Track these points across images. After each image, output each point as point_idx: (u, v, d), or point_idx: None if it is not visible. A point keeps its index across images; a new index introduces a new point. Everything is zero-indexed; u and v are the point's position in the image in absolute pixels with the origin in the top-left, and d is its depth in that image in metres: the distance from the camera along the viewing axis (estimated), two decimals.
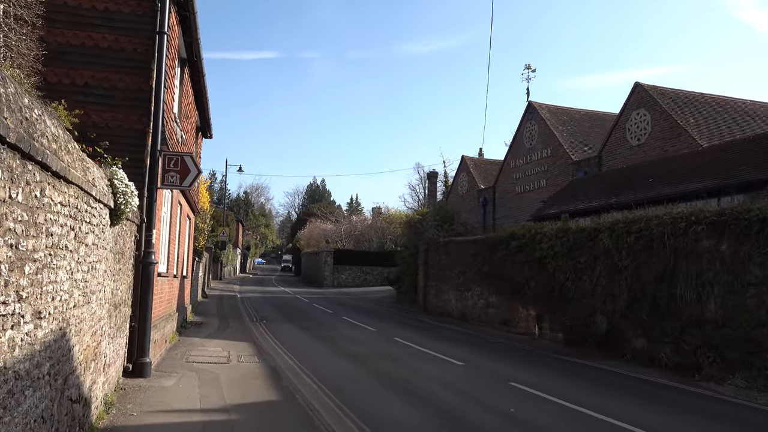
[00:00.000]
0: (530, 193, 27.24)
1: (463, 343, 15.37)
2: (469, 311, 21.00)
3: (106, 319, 6.22)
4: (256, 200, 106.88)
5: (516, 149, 28.74)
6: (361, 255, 46.28)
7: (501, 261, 18.75)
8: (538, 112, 27.06)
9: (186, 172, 8.98)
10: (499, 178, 30.18)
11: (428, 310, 24.44)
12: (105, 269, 5.91)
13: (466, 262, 21.42)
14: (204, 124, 17.68)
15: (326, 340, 14.89)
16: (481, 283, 20.23)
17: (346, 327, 18.27)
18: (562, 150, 25.15)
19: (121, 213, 6.16)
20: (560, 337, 15.68)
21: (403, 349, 13.53)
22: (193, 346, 12.18)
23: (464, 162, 33.89)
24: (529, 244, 17.16)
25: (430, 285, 24.66)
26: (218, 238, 39.89)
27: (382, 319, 21.41)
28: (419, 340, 15.45)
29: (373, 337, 15.79)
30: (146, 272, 8.59)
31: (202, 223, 22.74)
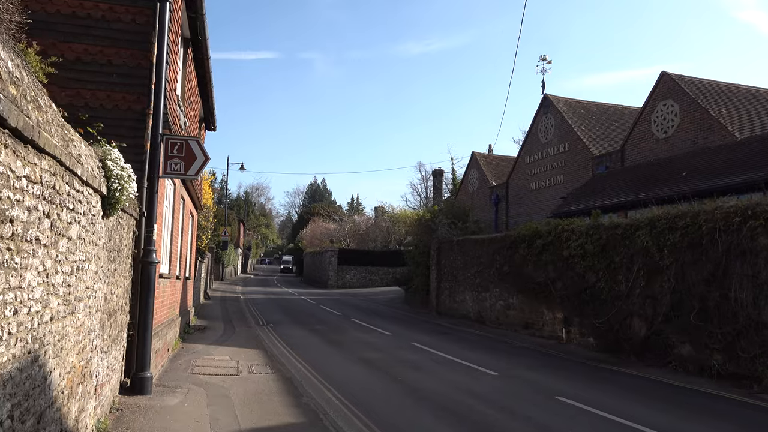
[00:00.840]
0: (546, 189, 26.15)
1: (487, 349, 14.28)
2: (486, 313, 19.90)
3: (98, 331, 5.13)
4: (256, 200, 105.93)
5: (530, 144, 27.64)
6: (366, 255, 45.15)
7: (523, 260, 17.65)
8: (554, 105, 25.96)
9: (191, 159, 7.87)
10: (512, 174, 29.09)
11: (441, 312, 23.35)
12: (96, 270, 4.82)
13: (483, 261, 20.33)
14: (208, 114, 16.58)
15: (340, 345, 13.79)
16: (500, 284, 19.13)
17: (358, 330, 17.17)
18: (581, 144, 24.06)
19: (116, 201, 5.07)
20: (591, 342, 14.58)
21: (424, 356, 12.43)
22: (198, 354, 11.08)
23: (474, 158, 32.78)
24: (556, 242, 16.07)
25: (443, 286, 23.57)
26: (220, 238, 38.80)
27: (394, 322, 20.31)
28: (439, 344, 14.36)
29: (390, 342, 14.70)
30: (146, 273, 7.49)
31: (205, 221, 21.61)
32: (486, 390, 9.04)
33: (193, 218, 16.35)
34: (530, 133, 27.72)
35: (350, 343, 14.14)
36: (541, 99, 26.80)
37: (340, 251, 45.09)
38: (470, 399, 8.39)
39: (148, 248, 7.56)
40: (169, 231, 10.69)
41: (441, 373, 10.43)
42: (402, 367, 10.81)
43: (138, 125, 7.97)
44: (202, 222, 21.00)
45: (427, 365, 11.20)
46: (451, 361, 11.71)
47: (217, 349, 11.92)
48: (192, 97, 12.72)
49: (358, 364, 11.15)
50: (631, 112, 27.34)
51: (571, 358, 13.09)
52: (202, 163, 7.93)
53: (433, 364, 11.33)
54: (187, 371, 9.29)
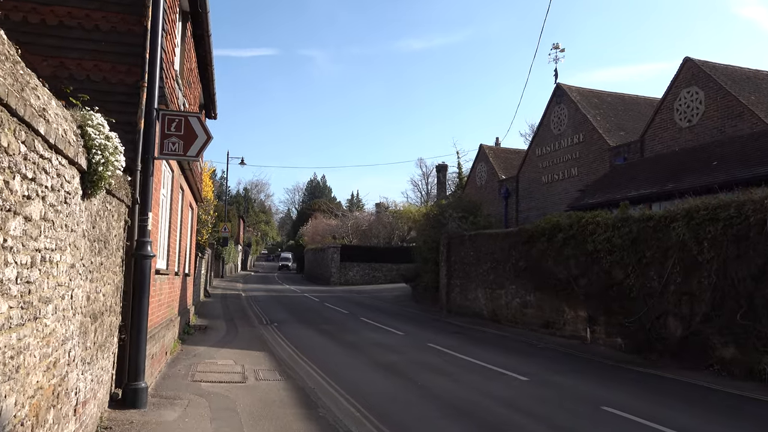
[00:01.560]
0: (560, 182, 25.17)
1: (508, 350, 13.33)
2: (501, 311, 18.94)
3: (78, 338, 4.15)
4: (255, 197, 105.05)
5: (542, 136, 26.65)
6: (369, 251, 44.17)
7: (542, 255, 16.69)
8: (567, 94, 24.96)
9: (191, 137, 6.88)
10: (523, 167, 28.10)
11: (452, 310, 22.39)
12: (73, 263, 3.84)
13: (498, 257, 19.36)
14: (208, 100, 15.57)
15: (352, 347, 12.83)
16: (516, 281, 18.17)
17: (369, 330, 16.21)
18: (596, 135, 23.07)
19: (99, 178, 4.09)
20: (619, 343, 13.62)
21: (444, 358, 11.47)
22: (199, 357, 10.10)
23: (483, 151, 31.79)
24: (579, 236, 15.10)
25: (454, 283, 22.60)
26: (220, 234, 37.85)
27: (404, 321, 19.36)
28: (457, 345, 13.40)
29: (404, 343, 13.74)
30: (140, 268, 6.51)
31: (205, 215, 20.58)
32: (520, 398, 8.08)
33: (192, 211, 15.37)
34: (542, 125, 26.72)
35: (363, 345, 13.18)
36: (554, 88, 25.81)
37: (343, 247, 44.12)
38: (505, 409, 7.44)
39: (143, 240, 6.58)
40: (167, 222, 9.71)
41: (467, 378, 9.47)
42: (423, 372, 9.85)
43: (130, 100, 6.97)
44: (202, 216, 20.00)
45: (450, 370, 10.24)
46: (475, 365, 10.75)
47: (220, 351, 10.95)
48: (191, 78, 11.72)
49: (375, 368, 10.19)
50: (647, 102, 26.38)
51: (601, 360, 12.15)
52: (203, 143, 6.94)
53: (457, 369, 10.37)
54: (187, 378, 8.31)
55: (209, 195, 20.99)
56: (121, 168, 4.74)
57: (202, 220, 19.88)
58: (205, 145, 6.98)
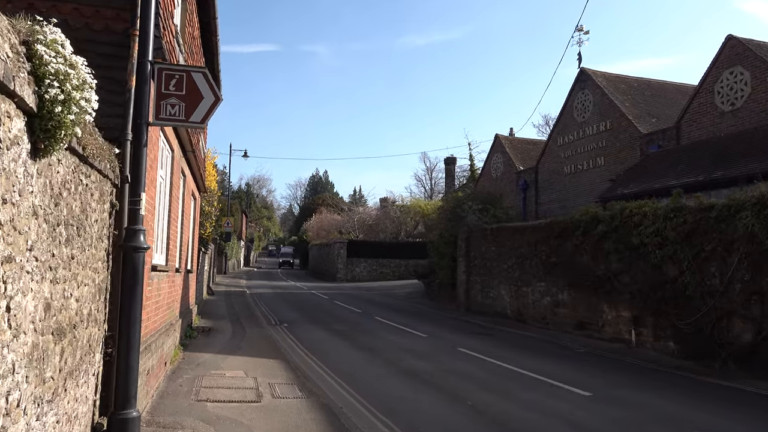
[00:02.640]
0: (584, 173, 23.71)
1: (547, 355, 11.93)
2: (528, 311, 17.54)
3: (27, 370, 2.73)
4: (257, 192, 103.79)
5: (564, 124, 25.18)
6: (377, 246, 42.72)
7: (576, 250, 15.28)
8: (592, 79, 23.47)
9: (196, 98, 5.46)
10: (543, 157, 26.63)
11: (471, 309, 20.99)
12: (11, 254, 2.41)
13: (524, 252, 17.94)
14: (212, 76, 14.11)
15: (374, 352, 11.42)
16: (546, 278, 16.75)
17: (388, 332, 14.80)
18: (625, 122, 21.59)
19: (57, 126, 2.67)
20: (671, 347, 12.21)
21: (480, 366, 10.07)
22: (203, 367, 8.70)
23: (498, 141, 30.31)
24: (621, 228, 13.67)
25: (474, 279, 21.19)
26: (222, 229, 36.46)
27: (423, 320, 17.95)
28: (488, 349, 12.01)
29: (431, 347, 12.34)
30: (131, 264, 5.10)
31: (209, 206, 19.10)
32: (594, 422, 6.67)
33: (195, 201, 13.95)
34: (564, 112, 25.24)
35: (384, 349, 11.78)
36: (577, 73, 24.31)
37: (350, 243, 42.69)
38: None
39: (134, 228, 5.16)
40: (166, 211, 8.29)
41: (515, 391, 8.07)
42: (462, 383, 8.45)
43: (118, 52, 5.54)
44: (206, 207, 18.55)
45: (491, 380, 8.83)
46: (518, 374, 9.34)
47: (227, 360, 9.53)
48: (194, 47, 10.28)
49: (409, 379, 8.77)
50: (675, 88, 24.92)
51: (656, 369, 10.74)
52: (210, 106, 5.52)
53: (499, 379, 8.96)
54: (190, 397, 6.90)
55: (213, 185, 19.49)
56: (92, 112, 3.32)
57: (205, 212, 18.44)
58: (212, 108, 5.56)
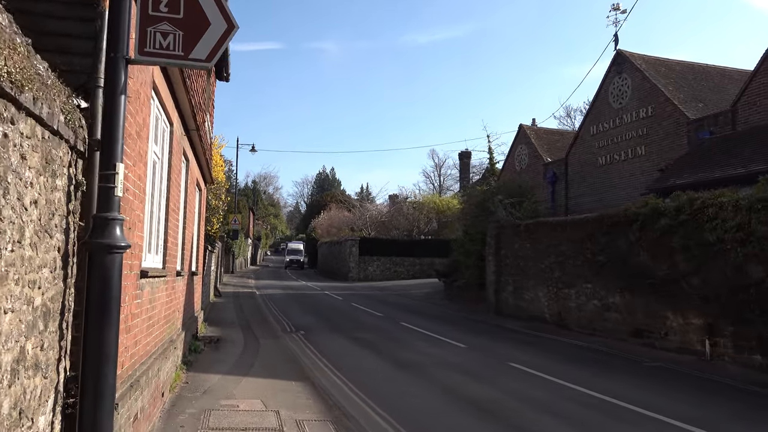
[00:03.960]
0: (621, 164, 21.84)
1: (615, 371, 10.16)
2: (571, 315, 15.73)
3: None
4: (264, 189, 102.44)
5: (598, 112, 23.30)
6: (390, 244, 40.92)
7: (632, 247, 13.48)
8: (630, 62, 21.59)
9: (199, 25, 3.71)
10: (573, 148, 24.77)
11: (503, 312, 19.20)
12: None
13: (565, 250, 16.14)
14: (221, 57, 12.37)
15: (413, 369, 9.65)
16: (593, 278, 14.94)
17: (419, 340, 13.04)
18: (670, 107, 19.71)
19: None
20: (758, 361, 10.38)
21: (548, 389, 8.29)
22: (211, 397, 6.95)
23: (523, 132, 28.46)
24: (691, 222, 11.86)
25: (504, 280, 19.39)
26: (230, 226, 34.84)
27: (453, 326, 16.18)
28: (545, 364, 10.22)
29: (476, 362, 10.57)
30: (100, 270, 3.34)
31: (216, 200, 17.33)
32: None
33: (201, 193, 12.22)
34: (597, 99, 23.35)
35: (424, 365, 10.02)
36: (613, 56, 22.41)
37: (362, 240, 40.93)
38: None
39: (106, 217, 3.41)
40: (164, 198, 6.54)
41: (614, 430, 6.29)
42: (542, 419, 6.67)
43: None
44: (212, 201, 16.82)
45: (575, 412, 7.03)
46: (604, 403, 7.53)
47: (241, 384, 7.77)
48: None
49: (471, 412, 6.98)
50: (719, 72, 23.02)
51: (754, 389, 8.91)
52: (221, 36, 3.76)
53: (583, 410, 7.16)
54: None
55: (220, 176, 17.71)
56: None
57: (212, 206, 16.70)
58: (223, 40, 3.79)
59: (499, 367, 10.13)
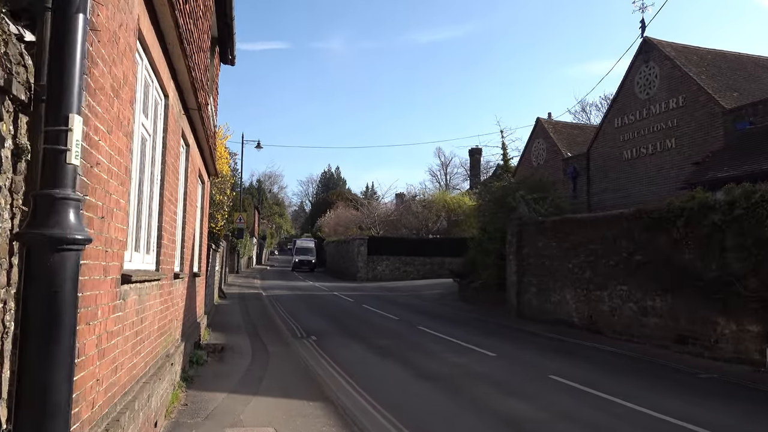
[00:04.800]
0: (648, 157, 20.64)
1: (666, 383, 9.03)
2: (604, 319, 14.56)
3: None
4: (269, 188, 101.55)
5: (623, 103, 22.09)
6: (400, 243, 39.76)
7: (676, 246, 12.30)
8: (659, 50, 20.38)
9: None
10: (596, 142, 23.58)
11: (525, 315, 18.04)
12: None
13: (597, 248, 14.96)
14: (224, 35, 11.28)
15: (444, 383, 8.51)
16: (629, 280, 13.77)
17: (443, 347, 11.89)
18: (704, 97, 18.50)
19: None
20: None
21: (605, 410, 7.15)
22: (215, 423, 5.83)
23: (540, 126, 27.27)
24: (746, 217, 10.68)
25: (527, 281, 18.23)
26: (235, 225, 33.79)
27: (475, 331, 15.03)
28: (587, 377, 9.07)
29: (511, 373, 9.42)
30: (45, 274, 2.21)
31: (220, 195, 16.16)
32: None
33: (204, 186, 11.11)
34: (622, 90, 22.15)
35: (453, 378, 8.89)
36: (640, 44, 21.21)
37: (371, 239, 39.79)
38: None
39: (53, 194, 2.29)
40: (157, 185, 5.42)
41: None
42: None
43: None
44: (217, 196, 15.69)
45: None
46: (675, 428, 6.39)
47: (249, 404, 6.63)
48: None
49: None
50: (753, 61, 21.80)
51: None
52: None
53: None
54: None
55: (225, 169, 16.47)
56: None
57: (216, 201, 15.58)
58: None
59: (536, 379, 8.98)
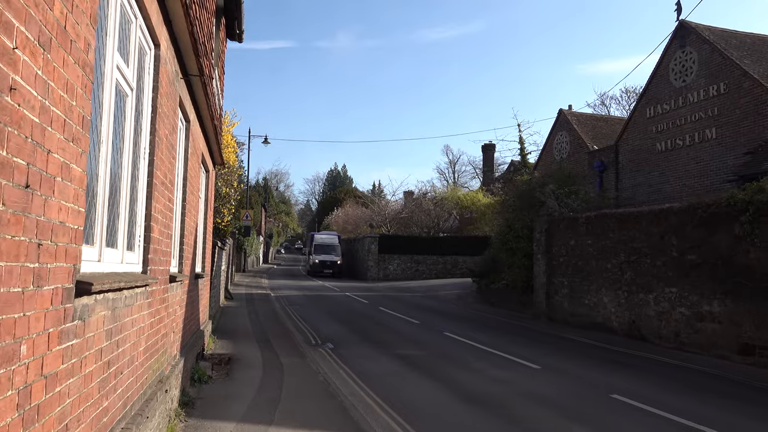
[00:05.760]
0: (686, 149, 19.19)
1: (756, 404, 7.62)
2: (649, 324, 13.19)
3: None
4: (276, 186, 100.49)
5: (656, 91, 20.65)
6: (412, 242, 38.37)
7: (738, 244, 10.93)
8: (697, 33, 18.92)
9: None
10: (625, 134, 22.13)
11: (555, 318, 16.69)
12: None
13: (640, 246, 13.59)
14: (232, 5, 9.97)
15: (495, 409, 7.16)
16: (679, 281, 12.40)
17: (477, 358, 10.54)
18: (748, 83, 17.05)
19: None
20: None
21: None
22: None
23: (563, 118, 25.84)
24: None
25: (558, 281, 16.87)
26: (241, 222, 32.52)
27: (506, 337, 13.68)
28: (659, 397, 7.73)
29: (567, 393, 8.06)
30: None
31: (227, 187, 14.76)
32: None
33: (208, 175, 9.80)
34: (655, 77, 20.69)
35: (501, 398, 7.55)
36: (675, 28, 19.75)
37: (381, 237, 38.44)
38: None
39: None
40: (145, 160, 4.11)
41: None
42: None
43: None
44: (223, 188, 14.35)
45: None
46: None
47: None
48: None
49: None
50: None
51: None
52: None
53: None
54: None
55: (232, 159, 15.05)
56: None
57: (222, 194, 14.25)
58: None
59: (598, 400, 7.63)
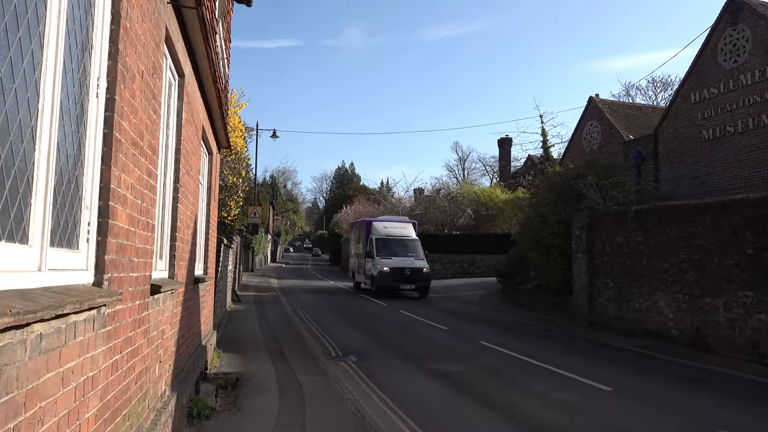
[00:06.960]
0: (738, 136, 17.43)
1: None
2: (718, 333, 11.49)
3: None
4: (283, 184, 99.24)
5: (701, 74, 18.88)
6: (428, 240, 36.53)
7: None
8: (752, 8, 17.16)
9: None
10: (665, 121, 20.38)
11: (598, 323, 15.00)
12: None
13: (706, 243, 11.90)
14: None
15: None
16: (756, 283, 10.69)
17: (526, 373, 8.89)
18: None
19: None
20: None
21: None
22: None
23: (594, 106, 24.07)
24: None
25: (601, 283, 15.17)
26: (249, 220, 31.03)
27: (553, 347, 12.02)
28: None
29: (661, 425, 6.41)
30: None
31: (234, 176, 13.01)
32: None
33: (212, 158, 8.18)
34: (700, 59, 18.94)
35: (573, 430, 5.91)
36: (725, 4, 18.00)
37: None
38: None
39: None
40: (100, 101, 2.48)
41: None
42: None
43: None
44: (230, 178, 12.66)
45: None
46: None
47: None
48: None
49: None
50: None
51: None
52: None
53: None
54: None
55: (239, 144, 13.23)
56: None
57: (228, 184, 12.60)
58: None
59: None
